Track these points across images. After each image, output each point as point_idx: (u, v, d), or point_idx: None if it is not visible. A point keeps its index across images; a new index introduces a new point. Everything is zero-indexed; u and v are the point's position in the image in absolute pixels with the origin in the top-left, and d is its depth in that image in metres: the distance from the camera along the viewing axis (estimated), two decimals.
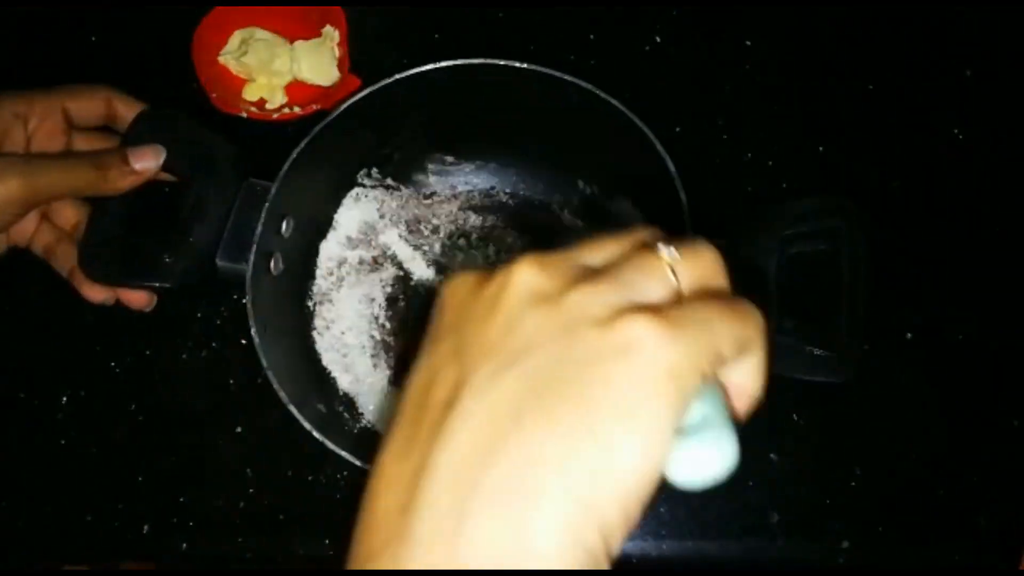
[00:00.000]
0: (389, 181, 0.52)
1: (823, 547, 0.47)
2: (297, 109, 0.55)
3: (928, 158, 0.55)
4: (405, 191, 0.53)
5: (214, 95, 0.54)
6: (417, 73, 0.44)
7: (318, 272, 0.51)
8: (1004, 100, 0.56)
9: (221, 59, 0.56)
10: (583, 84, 0.44)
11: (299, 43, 0.56)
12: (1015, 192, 0.54)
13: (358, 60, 0.56)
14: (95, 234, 0.44)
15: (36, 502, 0.49)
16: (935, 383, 0.50)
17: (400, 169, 0.52)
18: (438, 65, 0.44)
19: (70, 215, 0.46)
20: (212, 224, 0.44)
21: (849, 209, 0.42)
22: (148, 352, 0.52)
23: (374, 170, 0.52)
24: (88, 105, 0.46)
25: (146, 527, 0.48)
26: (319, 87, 0.56)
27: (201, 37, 0.55)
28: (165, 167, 0.44)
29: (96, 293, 0.45)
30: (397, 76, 0.44)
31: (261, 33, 0.56)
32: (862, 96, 0.56)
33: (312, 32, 0.56)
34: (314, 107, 0.54)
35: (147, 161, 0.43)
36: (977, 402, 0.49)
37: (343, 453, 0.39)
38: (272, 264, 0.45)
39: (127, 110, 0.46)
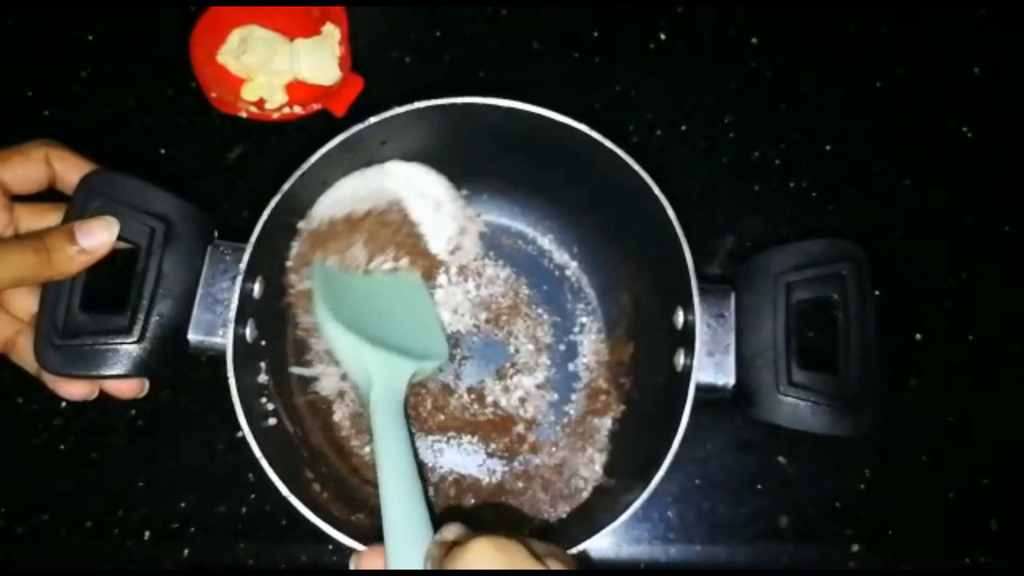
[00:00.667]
0: None
1: (833, 551, 0.46)
2: (298, 109, 0.54)
3: (936, 156, 0.54)
4: None
5: (212, 95, 0.54)
6: (402, 112, 0.42)
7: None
8: (1013, 98, 0.55)
9: (220, 58, 0.55)
10: (582, 128, 0.41)
11: (299, 41, 0.55)
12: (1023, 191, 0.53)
13: (359, 58, 0.55)
14: (49, 323, 0.38)
15: (35, 509, 0.49)
16: (945, 385, 0.49)
17: None
18: (431, 103, 0.42)
19: (27, 303, 0.39)
20: (179, 298, 0.40)
21: (854, 254, 0.41)
22: None
23: None
24: (25, 171, 0.39)
25: (147, 533, 0.48)
26: (320, 86, 0.55)
27: (199, 35, 0.54)
28: (120, 238, 0.39)
29: (74, 389, 0.39)
30: (383, 115, 0.42)
31: (260, 31, 0.55)
32: (870, 94, 0.56)
33: (313, 30, 0.55)
34: (315, 107, 0.54)
35: (98, 236, 0.37)
36: (988, 404, 0.49)
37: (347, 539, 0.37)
38: (248, 331, 0.41)
39: (68, 170, 0.39)
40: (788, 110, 0.55)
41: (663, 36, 0.57)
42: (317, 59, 0.54)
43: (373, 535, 0.36)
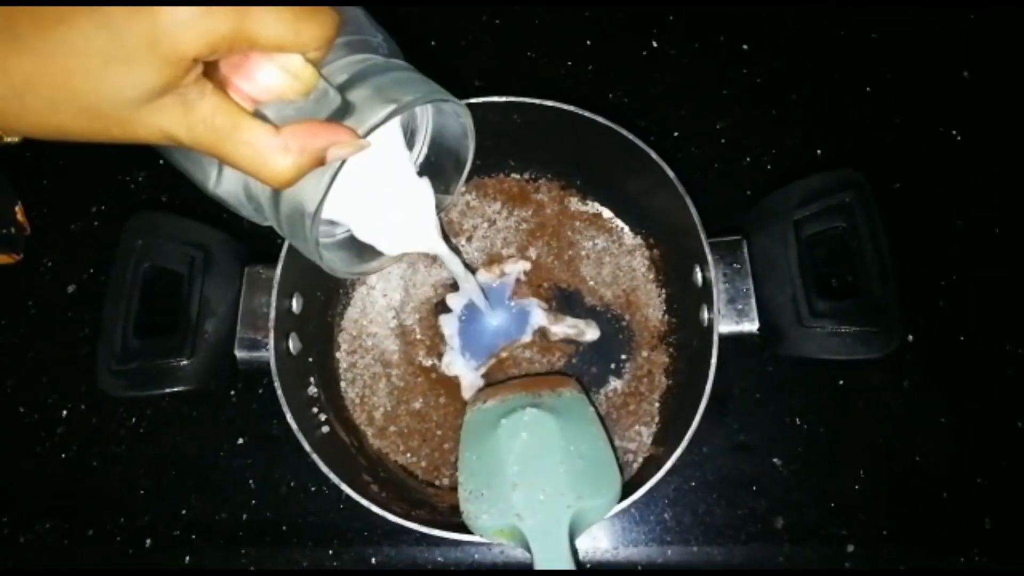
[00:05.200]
0: None
1: (829, 552, 0.47)
2: None
3: (926, 160, 0.55)
4: None
5: None
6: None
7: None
8: (1002, 101, 0.56)
9: None
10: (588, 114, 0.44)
11: None
12: (1014, 193, 0.54)
13: None
14: (109, 350, 0.43)
15: (37, 517, 0.49)
16: (938, 385, 0.49)
17: None
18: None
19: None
20: (223, 317, 0.44)
21: (856, 180, 0.42)
22: None
23: None
24: None
25: (148, 541, 0.48)
26: None
27: None
28: (164, 267, 0.44)
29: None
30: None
31: None
32: (860, 99, 0.56)
33: None
34: None
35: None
36: (981, 404, 0.49)
37: (416, 525, 0.39)
38: (291, 344, 0.44)
39: None
40: (779, 115, 0.56)
41: (655, 44, 0.58)
42: None
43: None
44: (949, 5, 0.58)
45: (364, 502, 0.39)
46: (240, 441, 0.50)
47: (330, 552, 0.48)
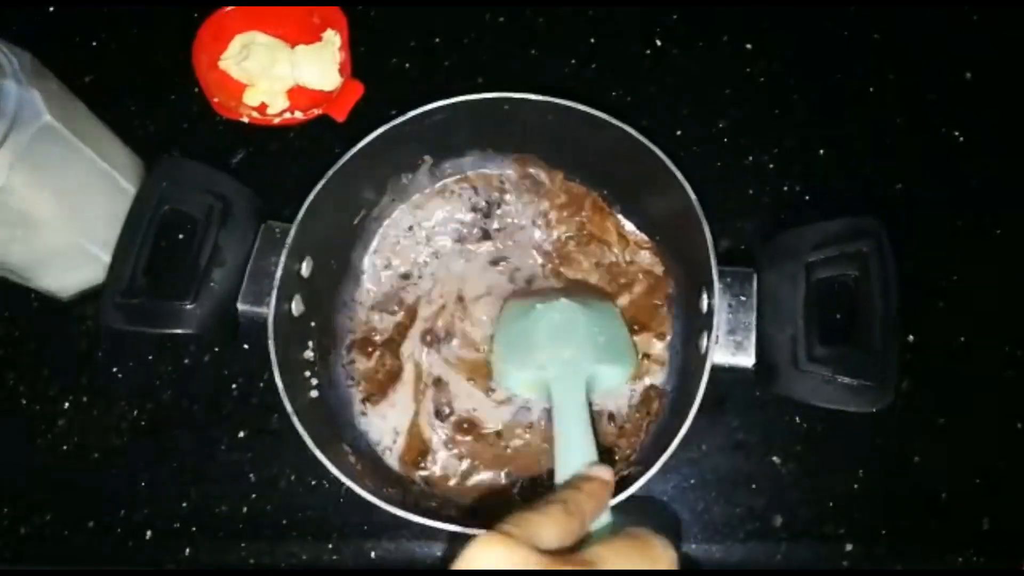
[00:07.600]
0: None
1: (827, 550, 0.47)
2: (299, 114, 0.55)
3: (929, 161, 0.55)
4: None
5: (215, 100, 0.54)
6: (427, 110, 0.45)
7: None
8: (1004, 103, 0.56)
9: (221, 64, 0.56)
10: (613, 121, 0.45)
11: (300, 48, 0.56)
12: (1015, 194, 0.54)
13: (360, 64, 0.56)
14: (116, 284, 0.43)
15: (38, 509, 0.49)
16: (937, 386, 0.50)
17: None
18: (448, 102, 0.45)
19: None
20: (232, 269, 0.44)
21: (875, 231, 0.41)
22: (150, 356, 0.52)
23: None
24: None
25: (148, 533, 0.48)
26: (321, 92, 0.56)
27: (201, 41, 0.55)
28: (181, 210, 0.45)
29: None
30: (411, 114, 0.45)
31: (262, 38, 0.56)
32: (862, 99, 0.56)
33: (313, 37, 0.56)
34: (316, 112, 0.54)
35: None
36: (979, 405, 0.49)
37: (386, 504, 0.39)
38: (293, 306, 0.44)
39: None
40: (781, 115, 0.56)
41: (658, 42, 0.58)
42: (318, 65, 0.55)
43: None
44: (951, 6, 0.58)
45: (357, 488, 0.38)
46: (240, 435, 0.50)
47: (329, 546, 0.48)
